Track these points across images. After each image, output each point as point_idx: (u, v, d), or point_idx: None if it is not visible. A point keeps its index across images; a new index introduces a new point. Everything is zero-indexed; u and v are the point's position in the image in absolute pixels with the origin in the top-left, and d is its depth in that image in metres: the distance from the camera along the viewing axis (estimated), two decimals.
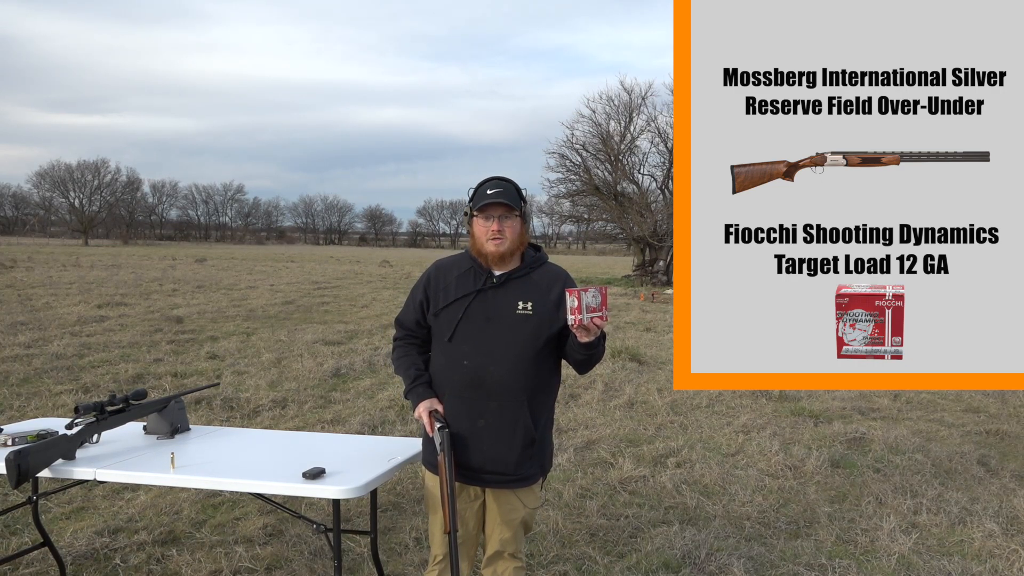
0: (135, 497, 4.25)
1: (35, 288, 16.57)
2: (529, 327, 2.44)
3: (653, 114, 28.03)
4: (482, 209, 2.46)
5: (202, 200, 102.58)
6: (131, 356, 8.70)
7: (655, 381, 8.03)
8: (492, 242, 2.44)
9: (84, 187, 73.70)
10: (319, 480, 2.50)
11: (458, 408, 2.46)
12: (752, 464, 5.17)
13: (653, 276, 26.47)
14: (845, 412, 6.81)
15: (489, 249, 2.45)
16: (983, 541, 3.91)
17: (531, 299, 2.46)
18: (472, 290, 2.48)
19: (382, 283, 22.34)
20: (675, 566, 3.57)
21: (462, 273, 2.53)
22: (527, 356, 2.43)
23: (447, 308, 2.49)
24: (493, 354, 2.43)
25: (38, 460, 2.57)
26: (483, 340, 2.44)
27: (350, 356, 8.87)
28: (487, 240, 2.45)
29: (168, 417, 3.07)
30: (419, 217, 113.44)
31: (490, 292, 2.48)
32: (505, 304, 2.46)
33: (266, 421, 6.00)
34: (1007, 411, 7.10)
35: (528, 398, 2.45)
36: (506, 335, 2.44)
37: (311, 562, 3.51)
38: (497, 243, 2.44)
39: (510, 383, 2.41)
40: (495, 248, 2.44)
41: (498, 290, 2.47)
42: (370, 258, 46.38)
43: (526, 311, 2.45)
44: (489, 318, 2.45)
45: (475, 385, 2.43)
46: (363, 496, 2.54)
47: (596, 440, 5.67)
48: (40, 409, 6.13)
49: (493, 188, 2.46)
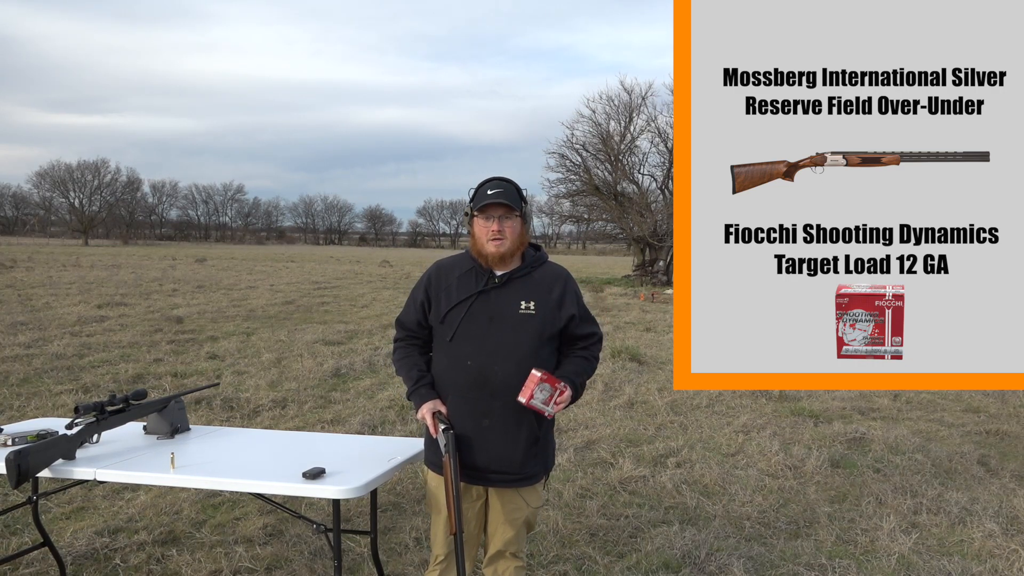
0: (135, 497, 4.25)
1: (35, 288, 16.57)
2: (532, 326, 2.45)
3: (653, 114, 28.02)
4: (482, 209, 2.46)
5: (202, 200, 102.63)
6: (131, 356, 8.70)
7: (655, 381, 8.03)
8: (492, 242, 2.45)
9: (84, 187, 73.67)
10: (319, 480, 2.50)
11: (462, 408, 2.46)
12: (752, 464, 5.17)
13: (653, 276, 26.47)
14: (845, 412, 6.81)
15: (489, 250, 2.45)
16: (983, 541, 3.91)
17: (533, 299, 2.46)
18: (475, 291, 2.48)
19: (382, 283, 22.34)
20: (675, 566, 3.57)
21: (463, 273, 2.53)
22: (530, 355, 2.43)
23: (451, 310, 2.49)
24: (497, 354, 2.43)
25: (38, 460, 2.57)
26: (486, 340, 2.44)
27: (350, 356, 8.87)
28: (487, 240, 2.45)
29: (168, 417, 3.07)
30: (419, 217, 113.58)
31: (492, 292, 2.48)
32: (508, 304, 2.46)
33: (266, 421, 6.00)
34: (1007, 411, 7.10)
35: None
36: (509, 335, 2.44)
37: (311, 562, 3.51)
38: (497, 243, 2.44)
39: (515, 382, 2.39)
40: (495, 248, 2.45)
41: (500, 290, 2.48)
42: (370, 258, 46.39)
43: (529, 311, 2.45)
44: (492, 318, 2.45)
45: (479, 385, 2.43)
46: (363, 496, 2.54)
47: (596, 440, 5.67)
48: (40, 409, 6.13)
49: (493, 188, 2.46)
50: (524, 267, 2.51)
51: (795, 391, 7.49)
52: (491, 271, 2.50)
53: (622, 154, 27.70)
